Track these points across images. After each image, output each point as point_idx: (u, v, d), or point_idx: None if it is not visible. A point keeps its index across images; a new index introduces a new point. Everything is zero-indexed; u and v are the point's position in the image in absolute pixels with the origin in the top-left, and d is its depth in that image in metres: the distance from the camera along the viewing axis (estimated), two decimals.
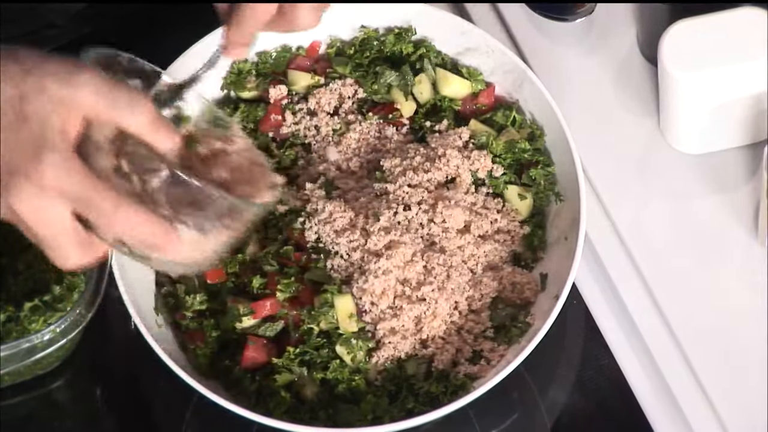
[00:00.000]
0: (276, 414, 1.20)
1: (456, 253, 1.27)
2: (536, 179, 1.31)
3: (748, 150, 1.35)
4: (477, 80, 1.35)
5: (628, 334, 1.30)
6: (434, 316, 1.24)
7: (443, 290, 1.24)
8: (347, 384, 1.22)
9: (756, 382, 1.25)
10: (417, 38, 1.38)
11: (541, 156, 1.32)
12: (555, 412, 1.28)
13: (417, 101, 1.36)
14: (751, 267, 1.30)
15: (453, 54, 1.37)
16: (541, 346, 1.20)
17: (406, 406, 1.21)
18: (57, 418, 1.29)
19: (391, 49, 1.37)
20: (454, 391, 1.21)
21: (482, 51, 1.35)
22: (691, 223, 1.33)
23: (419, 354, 1.23)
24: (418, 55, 1.36)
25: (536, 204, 1.31)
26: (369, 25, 1.38)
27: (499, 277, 1.27)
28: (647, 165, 1.37)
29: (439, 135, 1.33)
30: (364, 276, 1.24)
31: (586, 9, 1.43)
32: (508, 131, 1.33)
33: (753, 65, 1.29)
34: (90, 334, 1.27)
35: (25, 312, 1.23)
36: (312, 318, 1.23)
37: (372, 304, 1.24)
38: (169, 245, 1.03)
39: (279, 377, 1.22)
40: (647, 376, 1.28)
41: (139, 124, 1.02)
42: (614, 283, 1.31)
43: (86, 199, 1.00)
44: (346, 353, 1.22)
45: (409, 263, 1.25)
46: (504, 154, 1.31)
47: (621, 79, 1.41)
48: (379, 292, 1.23)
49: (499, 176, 1.31)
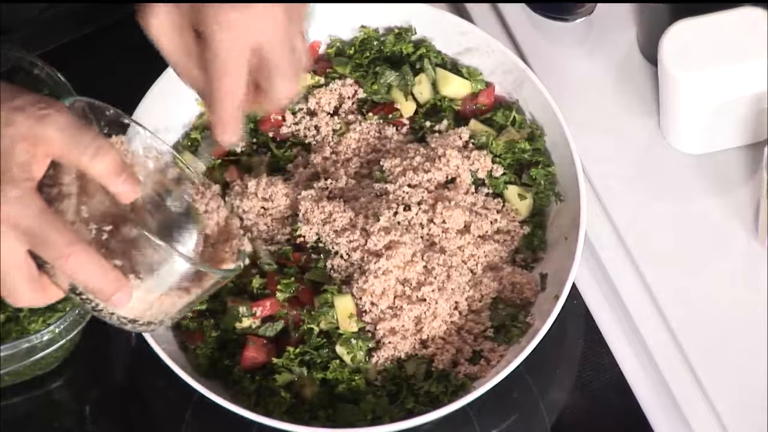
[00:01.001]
0: (276, 414, 1.20)
1: (456, 253, 1.27)
2: (536, 179, 1.31)
3: (748, 150, 1.35)
4: (477, 80, 1.35)
5: (628, 333, 1.30)
6: (434, 316, 1.24)
7: (443, 290, 1.24)
8: (347, 384, 1.22)
9: (756, 382, 1.25)
10: (417, 38, 1.38)
11: (541, 156, 1.32)
12: (555, 411, 1.28)
13: (417, 101, 1.36)
14: (751, 267, 1.30)
15: (453, 54, 1.37)
16: (541, 346, 1.20)
17: (406, 406, 1.21)
18: (57, 418, 1.29)
19: (391, 49, 1.37)
20: (454, 391, 1.21)
21: (482, 51, 1.35)
22: (691, 223, 1.33)
23: (419, 354, 1.23)
24: (418, 55, 1.36)
25: (536, 204, 1.31)
26: (369, 25, 1.38)
27: (499, 277, 1.27)
28: (647, 165, 1.37)
29: (439, 135, 1.33)
30: (364, 276, 1.24)
31: (586, 9, 1.43)
32: (508, 131, 1.33)
33: (753, 65, 1.29)
34: (89, 334, 1.27)
35: (25, 312, 1.23)
36: (312, 318, 1.23)
37: (372, 305, 1.23)
38: (117, 293, 1.02)
39: (279, 377, 1.22)
40: (647, 376, 1.27)
41: (102, 169, 1.01)
42: (614, 283, 1.31)
43: (41, 235, 0.99)
44: (346, 353, 1.22)
45: (409, 263, 1.25)
46: (504, 154, 1.31)
47: (621, 79, 1.41)
48: (379, 292, 1.23)
49: (499, 176, 1.31)
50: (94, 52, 1.46)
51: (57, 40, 1.45)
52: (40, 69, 1.32)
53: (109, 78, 1.43)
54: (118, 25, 1.45)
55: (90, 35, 1.46)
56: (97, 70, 1.44)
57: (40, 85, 1.32)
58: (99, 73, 1.43)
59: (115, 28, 1.46)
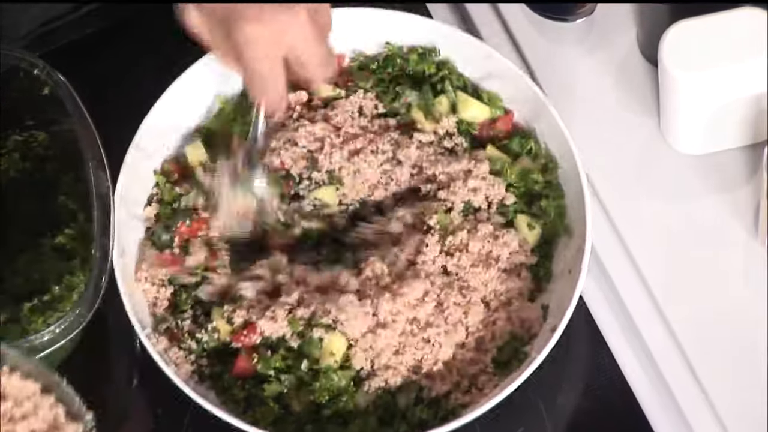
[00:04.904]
0: (262, 423, 1.20)
1: (472, 288, 1.25)
2: (546, 210, 1.29)
3: (748, 150, 1.35)
4: (496, 106, 1.34)
5: (627, 333, 1.30)
6: (436, 359, 1.22)
7: (451, 333, 1.22)
8: (333, 408, 1.21)
9: (756, 382, 1.25)
10: (440, 59, 1.37)
11: (552, 189, 1.30)
12: (555, 411, 1.28)
13: (436, 121, 1.35)
14: (751, 267, 1.30)
15: (475, 78, 1.36)
16: None
17: (398, 430, 1.20)
18: None
19: (413, 68, 1.36)
20: (444, 416, 1.20)
21: (504, 77, 1.34)
22: (691, 223, 1.33)
23: (412, 379, 1.22)
24: (440, 76, 1.36)
25: (544, 234, 1.29)
26: (394, 42, 1.38)
27: (510, 312, 1.25)
28: (647, 165, 1.37)
29: (455, 159, 1.32)
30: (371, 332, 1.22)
31: (586, 9, 1.43)
32: (523, 160, 1.31)
33: (753, 65, 1.29)
34: (90, 335, 1.27)
35: (25, 312, 1.23)
36: (306, 344, 1.22)
37: (371, 348, 1.22)
38: None
39: (267, 387, 1.21)
40: (647, 376, 1.27)
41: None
42: (614, 283, 1.31)
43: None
44: (326, 385, 1.21)
45: (420, 303, 1.23)
46: (517, 182, 1.30)
47: (621, 79, 1.41)
48: (381, 345, 1.22)
49: (510, 204, 1.29)
50: (95, 53, 1.46)
51: (58, 41, 1.45)
52: (40, 69, 1.32)
53: (109, 79, 1.43)
54: (123, 26, 1.46)
55: (92, 36, 1.47)
56: (97, 70, 1.44)
57: (40, 85, 1.32)
58: (99, 73, 1.43)
59: (118, 29, 1.46)
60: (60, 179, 1.32)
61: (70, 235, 1.29)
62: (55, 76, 1.32)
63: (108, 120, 1.31)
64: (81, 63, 1.44)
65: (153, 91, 1.33)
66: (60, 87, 1.31)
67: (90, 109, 1.30)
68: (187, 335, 1.25)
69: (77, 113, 1.30)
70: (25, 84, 1.33)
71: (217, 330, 1.24)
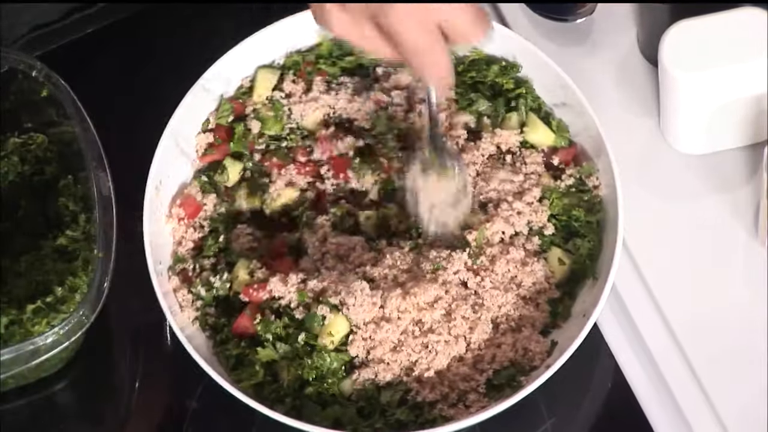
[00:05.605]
0: (245, 384, 1.20)
1: (485, 306, 1.24)
2: (581, 250, 1.28)
3: (748, 150, 1.35)
4: (563, 137, 1.33)
5: (627, 333, 1.30)
6: (429, 367, 1.22)
7: (450, 344, 1.22)
8: (317, 387, 1.21)
9: (756, 381, 1.25)
10: (519, 76, 1.36)
11: (592, 231, 1.29)
12: (555, 411, 1.28)
13: (500, 137, 1.33)
14: (751, 267, 1.31)
15: (549, 103, 1.35)
16: None
17: (374, 425, 1.20)
18: (60, 420, 1.29)
19: (492, 79, 1.36)
20: (423, 424, 1.19)
21: (575, 110, 1.32)
22: (691, 223, 1.33)
23: (401, 380, 1.22)
24: (516, 93, 1.35)
25: (573, 273, 1.28)
26: (481, 49, 1.36)
27: (516, 340, 1.24)
28: (647, 165, 1.37)
29: (511, 177, 1.31)
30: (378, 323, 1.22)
31: (587, 9, 1.43)
32: (571, 194, 1.31)
33: (753, 65, 1.29)
34: (93, 336, 1.27)
35: (28, 314, 1.24)
36: (309, 318, 1.22)
37: (371, 338, 1.22)
38: None
39: (261, 351, 1.22)
40: (647, 376, 1.28)
41: None
42: (614, 283, 1.31)
43: None
44: (317, 363, 1.21)
45: (429, 307, 1.23)
46: (560, 215, 1.29)
47: (621, 79, 1.41)
48: (381, 339, 1.22)
49: (548, 235, 1.29)
50: (93, 55, 1.46)
51: (56, 42, 1.45)
52: (38, 71, 1.32)
53: (108, 80, 1.43)
54: (122, 26, 1.46)
55: (90, 37, 1.46)
56: (96, 72, 1.44)
57: (39, 87, 1.32)
58: (97, 74, 1.43)
59: (117, 30, 1.46)
60: (59, 181, 1.32)
61: (71, 237, 1.29)
62: (54, 77, 1.32)
63: (107, 121, 1.31)
64: (79, 64, 1.44)
65: (153, 90, 1.33)
66: (59, 89, 1.31)
67: (88, 110, 1.30)
68: (199, 281, 1.25)
69: (76, 115, 1.30)
70: (23, 86, 1.33)
71: (232, 279, 1.24)
